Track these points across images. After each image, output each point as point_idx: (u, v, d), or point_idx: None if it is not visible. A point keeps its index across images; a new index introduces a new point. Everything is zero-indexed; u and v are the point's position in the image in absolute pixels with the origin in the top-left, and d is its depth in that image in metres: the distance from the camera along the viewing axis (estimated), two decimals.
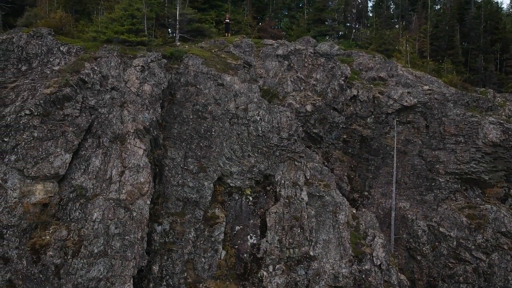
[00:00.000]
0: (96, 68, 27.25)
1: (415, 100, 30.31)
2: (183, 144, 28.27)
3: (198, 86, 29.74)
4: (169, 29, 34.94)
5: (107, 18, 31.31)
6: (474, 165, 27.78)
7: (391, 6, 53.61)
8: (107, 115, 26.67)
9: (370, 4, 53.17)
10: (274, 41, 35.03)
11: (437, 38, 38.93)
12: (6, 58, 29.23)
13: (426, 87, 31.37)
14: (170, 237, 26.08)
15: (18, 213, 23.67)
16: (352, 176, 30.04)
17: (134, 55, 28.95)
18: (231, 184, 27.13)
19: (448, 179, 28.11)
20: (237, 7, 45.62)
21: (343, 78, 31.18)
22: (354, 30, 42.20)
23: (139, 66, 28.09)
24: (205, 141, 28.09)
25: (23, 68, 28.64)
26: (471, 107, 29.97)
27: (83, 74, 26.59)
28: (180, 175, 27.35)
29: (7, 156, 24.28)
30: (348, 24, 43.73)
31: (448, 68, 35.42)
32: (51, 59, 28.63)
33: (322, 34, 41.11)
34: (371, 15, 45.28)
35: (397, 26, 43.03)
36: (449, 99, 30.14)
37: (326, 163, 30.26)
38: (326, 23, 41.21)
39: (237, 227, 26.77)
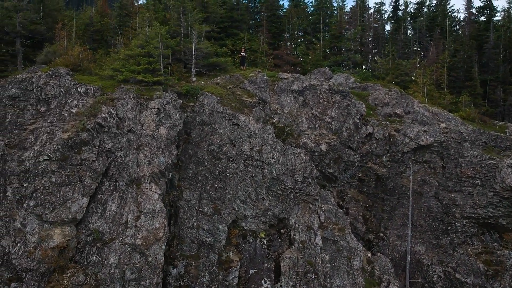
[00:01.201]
0: (112, 111, 27.61)
1: (431, 139, 30.01)
2: (198, 185, 28.48)
3: (213, 126, 29.95)
4: (185, 63, 35.13)
5: (124, 55, 31.64)
6: (491, 210, 27.37)
7: (409, 28, 53.13)
8: (123, 158, 27.02)
9: (387, 27, 52.80)
10: (289, 75, 35.02)
11: (454, 68, 38.44)
12: (25, 98, 29.88)
13: (442, 125, 31.03)
14: (184, 280, 26.29)
15: (37, 257, 24.14)
16: (367, 216, 29.86)
17: (150, 97, 29.26)
18: (246, 228, 27.25)
19: (464, 223, 27.75)
20: (253, 33, 45.73)
21: (358, 117, 31.03)
22: (370, 58, 41.88)
23: (155, 108, 28.39)
24: (220, 182, 28.24)
25: (42, 109, 29.20)
26: (488, 147, 29.53)
27: (100, 118, 26.99)
28: (195, 217, 27.55)
29: (26, 201, 24.81)
30: (364, 50, 43.34)
31: (465, 102, 34.95)
32: (69, 100, 29.11)
33: (337, 64, 40.96)
34: (387, 42, 44.79)
35: (414, 54, 42.52)
36: (466, 138, 29.76)
37: (341, 202, 30.18)
38: (342, 50, 41.01)
39: (251, 271, 26.82)
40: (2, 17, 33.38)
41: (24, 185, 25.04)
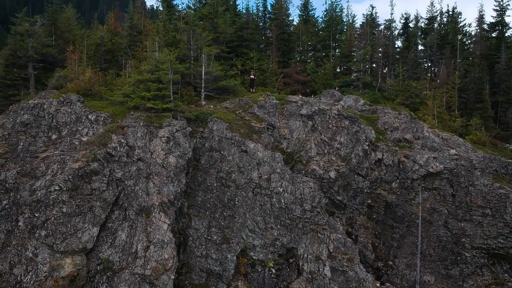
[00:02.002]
0: (122, 140, 27.86)
1: (441, 166, 29.84)
2: (207, 212, 28.64)
3: (222, 152, 30.08)
4: (195, 87, 35.31)
5: (134, 80, 31.87)
6: (501, 240, 27.14)
7: (419, 43, 52.77)
8: (133, 187, 27.27)
9: (398, 42, 52.54)
10: (298, 98, 35.04)
11: (465, 90, 38.16)
12: (37, 124, 30.28)
13: (452, 151, 30.84)
14: None
15: (48, 287, 24.51)
16: (376, 244, 29.76)
17: (160, 124, 29.48)
18: (254, 257, 27.32)
19: (474, 253, 27.55)
20: (263, 51, 45.79)
21: (367, 143, 30.96)
22: (379, 78, 41.72)
23: (164, 137, 28.60)
24: (229, 210, 28.36)
25: (53, 136, 29.56)
26: (499, 175, 29.29)
27: (110, 148, 27.25)
28: (203, 246, 27.70)
29: (37, 231, 25.20)
30: (374, 70, 43.17)
31: (476, 125, 34.69)
32: (79, 128, 29.43)
33: (347, 85, 40.87)
34: (397, 60, 44.60)
35: (424, 73, 42.27)
36: (476, 166, 29.55)
37: (350, 229, 30.13)
38: (352, 68, 40.91)
39: None
40: (16, 42, 33.84)
41: (36, 215, 25.43)
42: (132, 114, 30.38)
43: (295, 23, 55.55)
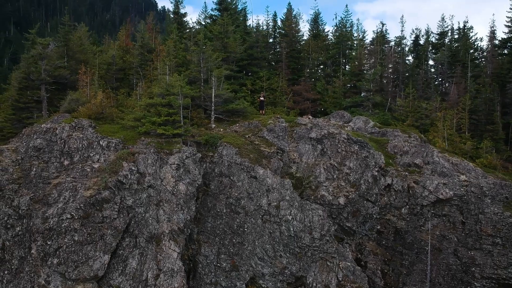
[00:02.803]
0: (133, 168, 28.15)
1: (451, 192, 29.75)
2: (217, 239, 28.86)
3: (231, 178, 30.28)
4: (205, 109, 35.56)
5: (145, 104, 32.16)
6: None
7: (430, 57, 52.57)
8: (143, 214, 27.56)
9: (409, 57, 52.31)
10: (307, 120, 35.13)
11: (475, 111, 37.95)
12: (50, 149, 30.73)
13: (462, 177, 30.73)
14: None
15: None
16: (386, 271, 29.75)
17: (170, 151, 29.76)
18: (263, 285, 27.45)
19: (484, 283, 27.44)
20: (272, 69, 45.90)
21: (376, 169, 30.96)
22: (390, 98, 41.60)
23: (174, 164, 28.87)
24: (238, 237, 28.54)
25: (65, 162, 29.97)
26: (510, 202, 29.11)
27: (121, 175, 27.56)
28: (213, 273, 27.91)
29: (50, 259, 25.55)
30: (384, 89, 43.03)
31: (487, 148, 34.50)
32: (91, 154, 29.80)
33: (357, 105, 40.83)
34: (407, 79, 44.46)
35: (435, 93, 42.05)
36: (487, 193, 29.42)
37: (359, 256, 30.13)
38: (362, 88, 40.88)
39: None
40: (29, 65, 34.34)
41: (48, 242, 25.77)
42: (143, 140, 30.70)
43: (305, 37, 55.70)
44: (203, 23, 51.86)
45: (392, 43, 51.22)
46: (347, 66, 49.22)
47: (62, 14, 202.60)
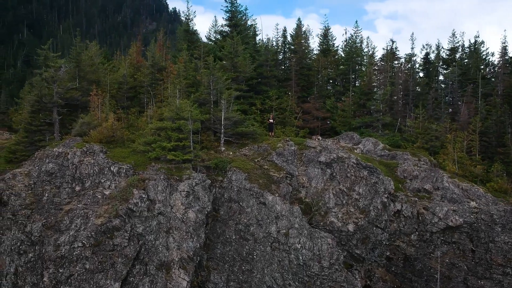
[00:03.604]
0: (143, 195, 28.45)
1: (460, 219, 29.67)
2: (226, 266, 29.04)
3: (241, 204, 30.46)
4: (215, 131, 35.78)
5: (156, 127, 32.39)
6: None
7: (440, 73, 52.35)
8: (153, 242, 27.83)
9: (420, 74, 52.06)
10: (317, 143, 35.17)
11: (486, 133, 37.73)
12: (62, 174, 31.14)
13: (473, 204, 30.61)
14: None
15: None
16: None
17: (180, 177, 30.00)
18: None
19: None
20: (282, 85, 46.00)
21: (386, 195, 30.95)
22: (399, 119, 41.52)
23: (184, 191, 29.12)
24: (247, 264, 28.70)
25: (77, 188, 30.35)
26: None
27: (131, 203, 27.87)
28: None
29: (61, 287, 25.91)
30: (393, 109, 42.93)
31: (497, 171, 34.29)
32: (102, 180, 30.14)
33: (366, 126, 40.80)
34: (417, 97, 44.35)
35: (445, 113, 41.88)
36: (497, 221, 29.28)
37: (368, 282, 30.14)
38: (372, 108, 40.86)
39: None
40: (41, 88, 34.78)
41: (60, 270, 26.14)
42: (153, 165, 30.98)
43: (315, 51, 55.77)
44: (213, 39, 52.17)
45: (402, 59, 51.16)
46: (357, 82, 49.18)
47: (74, 16, 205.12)
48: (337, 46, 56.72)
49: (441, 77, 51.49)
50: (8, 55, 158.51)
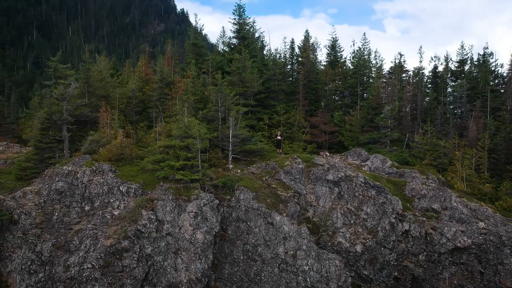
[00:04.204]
0: (152, 216, 28.68)
1: (469, 241, 29.58)
2: (234, 286, 29.17)
3: (249, 223, 30.57)
4: (223, 149, 35.93)
5: (164, 144, 32.52)
6: None
7: (449, 84, 52.11)
8: (162, 263, 28.03)
9: (428, 85, 51.80)
10: (324, 161, 35.19)
11: (495, 150, 37.55)
12: (71, 193, 31.44)
13: (481, 224, 30.51)
14: None
15: None
16: None
17: (188, 197, 30.16)
18: None
19: None
20: (290, 99, 46.04)
21: (394, 216, 30.92)
22: (408, 134, 41.38)
23: (192, 212, 29.28)
24: (255, 285, 28.81)
25: (86, 207, 30.61)
26: None
27: (140, 225, 28.13)
28: None
29: None
30: (402, 124, 42.75)
31: (506, 189, 34.10)
32: (111, 200, 30.39)
33: (374, 141, 40.73)
34: (426, 112, 44.25)
35: (454, 128, 41.67)
36: (506, 243, 29.16)
37: None
38: (380, 123, 40.69)
39: None
40: (51, 106, 35.14)
41: None
42: (161, 185, 31.18)
43: (323, 63, 55.76)
44: (222, 51, 52.33)
45: (410, 72, 51.00)
46: (365, 94, 49.10)
47: (83, 18, 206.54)
48: (345, 58, 56.75)
49: (449, 89, 51.24)
50: (18, 57, 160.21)
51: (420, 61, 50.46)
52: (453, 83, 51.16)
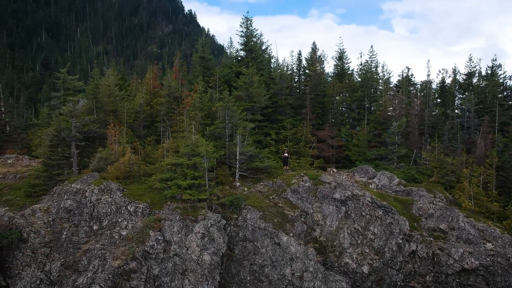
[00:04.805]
0: (159, 237, 28.89)
1: (476, 262, 29.51)
2: None
3: (255, 243, 30.68)
4: (230, 166, 36.07)
5: (172, 161, 32.67)
6: None
7: (457, 97, 51.95)
8: (169, 284, 28.21)
9: (436, 99, 51.67)
10: (331, 178, 35.20)
11: (503, 168, 37.40)
12: (80, 212, 31.73)
13: (489, 245, 30.42)
14: None
15: None
16: None
17: (195, 217, 30.34)
18: None
19: None
20: (296, 114, 46.09)
21: (401, 236, 30.90)
22: (415, 150, 41.28)
23: (199, 233, 29.45)
24: None
25: (95, 227, 30.87)
26: None
27: (148, 246, 28.34)
28: None
29: None
30: (409, 139, 42.63)
31: None
32: (119, 220, 30.62)
33: (381, 158, 40.67)
34: (433, 127, 44.13)
35: (461, 144, 41.50)
36: None
37: None
38: (387, 139, 40.63)
39: None
40: (60, 123, 35.43)
41: None
42: (169, 204, 31.38)
43: (330, 74, 55.76)
44: (228, 64, 52.48)
45: (418, 85, 50.85)
46: (372, 107, 49.02)
47: (92, 19, 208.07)
48: (352, 70, 56.69)
49: (457, 101, 51.04)
50: (27, 58, 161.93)
51: (428, 75, 50.33)
52: (461, 95, 50.97)
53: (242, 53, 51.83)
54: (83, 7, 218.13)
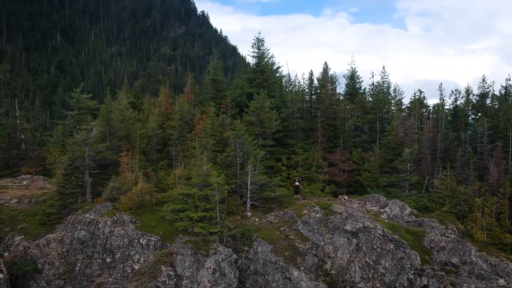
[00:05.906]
0: (171, 273, 29.24)
1: None
2: None
3: (266, 277, 30.84)
4: (241, 195, 36.25)
5: (184, 192, 32.92)
6: None
7: (470, 117, 51.58)
8: None
9: (449, 120, 51.31)
10: (343, 209, 35.19)
11: None
12: (93, 243, 32.17)
13: (501, 281, 30.24)
14: None
15: None
16: None
17: (207, 252, 30.57)
18: None
19: None
20: (308, 137, 46.12)
21: (412, 271, 30.83)
22: (427, 177, 41.11)
23: (210, 268, 29.67)
24: None
25: (108, 259, 31.30)
26: None
27: (159, 281, 28.73)
28: None
29: None
30: (421, 166, 42.42)
31: None
32: (132, 253, 31.01)
33: (393, 185, 40.58)
34: (445, 152, 43.88)
35: (474, 170, 41.22)
36: None
37: None
38: (398, 166, 40.48)
39: None
40: (74, 152, 35.92)
41: None
42: (180, 237, 31.69)
43: (342, 92, 55.73)
44: (240, 86, 52.69)
45: (430, 107, 50.59)
46: (384, 130, 48.82)
47: (105, 21, 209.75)
48: (364, 89, 56.52)
49: (470, 121, 50.62)
50: (42, 60, 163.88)
51: (440, 98, 49.94)
52: (473, 116, 50.60)
53: (253, 75, 51.90)
54: (96, 9, 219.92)
